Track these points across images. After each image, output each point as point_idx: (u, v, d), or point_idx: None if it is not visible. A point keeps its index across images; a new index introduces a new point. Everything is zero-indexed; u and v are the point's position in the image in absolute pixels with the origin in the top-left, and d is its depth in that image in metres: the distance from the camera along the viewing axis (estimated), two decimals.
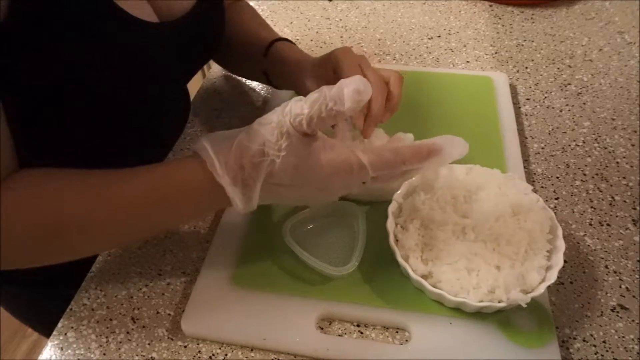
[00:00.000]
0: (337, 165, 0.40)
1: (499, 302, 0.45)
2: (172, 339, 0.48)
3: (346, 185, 0.42)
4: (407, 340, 0.46)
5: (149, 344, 0.47)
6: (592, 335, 0.47)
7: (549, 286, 0.45)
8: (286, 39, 0.63)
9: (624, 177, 0.62)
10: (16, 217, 0.39)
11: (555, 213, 0.54)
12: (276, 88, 0.66)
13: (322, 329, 0.48)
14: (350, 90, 0.37)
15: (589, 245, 0.55)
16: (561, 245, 0.47)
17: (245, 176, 0.40)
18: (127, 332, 0.48)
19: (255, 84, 0.77)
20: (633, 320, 0.48)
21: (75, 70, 0.42)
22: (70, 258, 0.44)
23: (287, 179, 0.41)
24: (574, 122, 0.69)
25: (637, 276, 0.52)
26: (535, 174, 0.62)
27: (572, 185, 0.61)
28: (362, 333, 0.47)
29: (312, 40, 0.86)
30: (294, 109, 0.39)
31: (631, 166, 0.63)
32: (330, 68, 0.54)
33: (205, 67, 0.97)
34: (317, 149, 0.40)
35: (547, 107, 0.72)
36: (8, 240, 0.39)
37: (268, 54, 0.61)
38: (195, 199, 0.43)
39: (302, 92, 0.57)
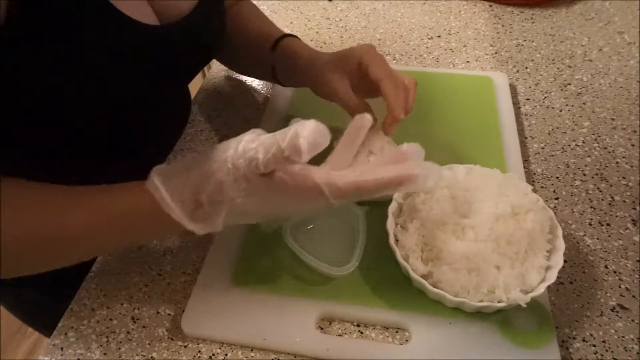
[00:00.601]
0: (299, 197, 0.39)
1: (498, 302, 0.45)
2: (172, 339, 0.48)
3: (312, 209, 0.42)
4: (407, 340, 0.46)
5: (149, 344, 0.47)
6: (591, 335, 0.47)
7: (548, 286, 0.46)
8: (293, 35, 0.62)
9: (623, 177, 0.62)
10: None
11: (555, 213, 0.54)
12: (281, 84, 0.64)
13: (322, 329, 0.48)
14: (307, 143, 0.35)
15: (588, 245, 0.55)
16: (561, 245, 0.47)
17: (205, 212, 0.39)
18: (128, 332, 0.48)
19: (255, 84, 0.77)
20: (633, 320, 0.48)
21: (74, 74, 0.42)
22: (23, 273, 0.43)
23: (250, 210, 0.40)
24: (573, 122, 0.69)
25: (637, 276, 0.52)
26: (535, 174, 0.62)
27: (571, 185, 0.61)
28: (362, 333, 0.47)
29: (312, 40, 0.86)
30: (248, 152, 0.37)
31: (631, 166, 0.63)
32: (354, 63, 0.53)
33: (205, 68, 0.97)
34: (279, 185, 0.38)
35: (547, 107, 0.72)
36: None
37: (276, 48, 0.60)
38: (151, 227, 0.43)
39: (318, 87, 0.56)
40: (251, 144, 0.37)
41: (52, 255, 0.43)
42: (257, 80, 0.78)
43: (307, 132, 0.35)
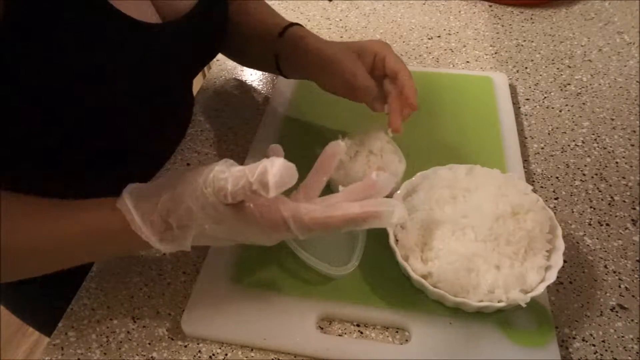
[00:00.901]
0: (266, 228, 0.40)
1: (498, 302, 0.45)
2: (172, 339, 0.48)
3: (279, 239, 0.42)
4: (407, 340, 0.47)
5: (149, 344, 0.47)
6: (591, 334, 0.47)
7: (548, 286, 0.46)
8: (300, 24, 0.61)
9: (623, 177, 0.62)
10: None
11: (554, 213, 0.54)
12: (284, 75, 0.63)
13: (322, 329, 0.48)
14: (275, 181, 0.36)
15: (588, 245, 0.55)
16: (561, 245, 0.48)
17: (173, 235, 0.40)
18: (128, 332, 0.48)
19: (255, 84, 0.77)
20: (632, 320, 0.48)
21: (75, 75, 0.41)
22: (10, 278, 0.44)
23: (219, 235, 0.41)
24: (573, 122, 0.70)
25: (637, 276, 0.52)
26: (535, 174, 0.63)
27: (571, 185, 0.61)
28: (362, 333, 0.47)
29: None
30: (217, 181, 0.38)
31: (630, 166, 0.63)
32: (370, 55, 0.54)
33: (205, 68, 0.97)
34: (246, 215, 0.39)
35: (547, 107, 0.72)
36: None
37: (284, 35, 0.59)
38: (120, 244, 0.43)
39: (330, 74, 0.55)
40: (221, 174, 0.38)
41: (25, 266, 0.43)
42: (257, 80, 0.78)
43: (275, 169, 0.36)
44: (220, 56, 0.81)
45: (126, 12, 0.43)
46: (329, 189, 0.56)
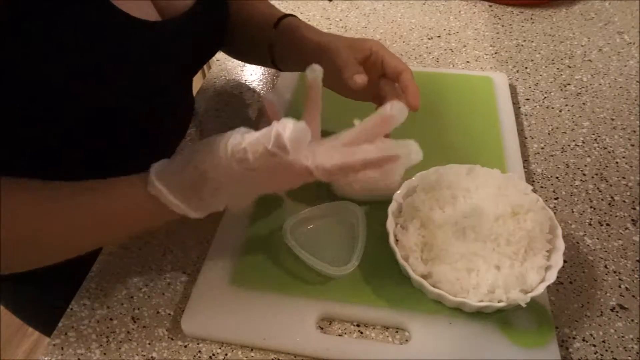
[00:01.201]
0: (291, 180, 0.43)
1: (498, 302, 0.45)
2: (172, 339, 0.48)
3: (302, 184, 0.45)
4: (407, 340, 0.47)
5: (149, 344, 0.47)
6: (591, 335, 0.47)
7: (548, 286, 0.46)
8: (295, 16, 0.61)
9: (623, 177, 0.62)
10: None
11: (554, 213, 0.54)
12: (277, 68, 0.63)
13: (322, 329, 0.48)
14: (291, 142, 0.37)
15: (588, 245, 0.55)
16: (561, 245, 0.48)
17: (208, 203, 0.43)
18: (128, 332, 0.48)
19: (255, 84, 0.77)
20: (632, 320, 0.48)
21: (75, 74, 0.41)
22: (23, 269, 0.44)
23: (246, 191, 0.44)
24: (573, 122, 0.70)
25: (637, 276, 0.52)
26: (535, 174, 0.63)
27: (571, 185, 0.61)
28: (362, 333, 0.47)
29: None
30: (237, 153, 0.39)
31: (631, 166, 0.63)
32: (365, 50, 0.54)
33: (205, 67, 0.97)
34: (271, 172, 0.41)
35: (547, 107, 0.72)
36: None
37: (279, 26, 0.59)
38: (153, 221, 0.46)
39: (322, 60, 0.53)
40: (238, 147, 0.39)
41: (54, 250, 0.44)
42: (257, 80, 0.78)
43: (288, 133, 0.37)
44: (220, 56, 0.81)
45: (126, 11, 0.43)
46: (329, 189, 0.57)
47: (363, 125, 0.43)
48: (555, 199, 0.60)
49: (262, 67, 0.80)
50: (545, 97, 0.74)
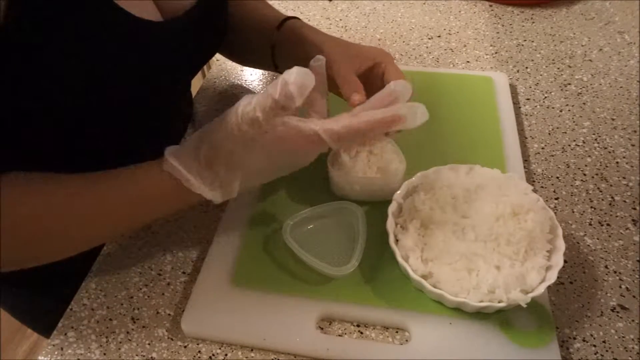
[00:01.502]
0: (303, 145, 0.44)
1: (499, 302, 0.45)
2: (172, 339, 0.48)
3: (315, 154, 0.45)
4: (407, 340, 0.46)
5: (149, 344, 0.47)
6: (592, 335, 0.47)
7: (549, 286, 0.45)
8: (298, 18, 0.61)
9: (624, 177, 0.62)
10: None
11: (555, 213, 0.54)
12: (278, 69, 0.63)
13: (322, 329, 0.48)
14: (295, 87, 0.38)
15: (588, 245, 0.55)
16: (561, 245, 0.47)
17: (222, 180, 0.43)
18: (127, 332, 0.48)
19: (255, 84, 0.77)
20: (633, 320, 0.48)
21: (75, 74, 0.41)
22: (46, 260, 0.45)
23: (261, 167, 0.44)
24: (574, 122, 0.69)
25: (637, 276, 0.52)
26: (535, 174, 0.62)
27: (572, 185, 0.61)
28: (362, 333, 0.47)
29: None
30: (247, 113, 0.41)
31: (631, 166, 0.63)
32: (368, 62, 0.54)
33: (205, 67, 0.97)
34: (282, 137, 0.42)
35: (547, 107, 0.72)
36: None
37: (282, 28, 0.60)
38: (170, 205, 0.47)
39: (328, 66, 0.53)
40: (248, 107, 0.41)
41: (70, 241, 0.45)
42: (257, 80, 0.78)
43: (293, 77, 0.38)
44: (220, 56, 0.81)
45: (128, 10, 0.43)
46: (329, 190, 0.56)
47: (369, 102, 0.45)
48: (556, 199, 0.59)
49: None
50: (545, 97, 0.74)
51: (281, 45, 0.60)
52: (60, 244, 0.45)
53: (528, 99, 0.73)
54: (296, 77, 0.38)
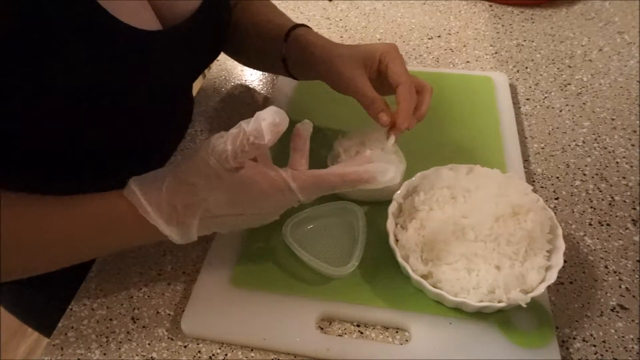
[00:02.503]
0: (268, 192, 0.42)
1: (499, 302, 0.45)
2: (172, 339, 0.48)
3: (281, 207, 0.44)
4: (407, 340, 0.46)
5: (149, 344, 0.47)
6: (592, 335, 0.47)
7: (548, 286, 0.45)
8: (305, 25, 0.61)
9: (623, 177, 0.62)
10: None
11: (555, 213, 0.54)
12: (293, 77, 0.63)
13: (322, 329, 0.48)
14: (267, 124, 0.38)
15: (588, 245, 0.55)
16: (561, 245, 0.47)
17: (180, 216, 0.41)
18: (127, 332, 0.48)
19: (255, 84, 0.77)
20: (633, 320, 0.48)
21: (71, 85, 0.41)
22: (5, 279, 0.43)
23: (222, 211, 0.42)
24: (573, 122, 0.69)
25: (637, 276, 0.52)
26: (535, 174, 0.62)
27: (572, 185, 0.61)
28: (362, 333, 0.47)
29: None
30: (217, 146, 0.39)
31: (631, 166, 0.63)
32: (374, 61, 0.54)
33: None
34: (248, 179, 0.41)
35: (547, 107, 0.72)
36: None
37: (289, 39, 0.59)
38: (127, 233, 0.44)
39: (336, 81, 0.54)
40: (220, 139, 0.40)
41: (33, 261, 0.44)
42: (257, 80, 0.78)
43: (267, 115, 0.38)
44: (220, 56, 0.81)
45: (126, 20, 0.42)
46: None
47: (343, 162, 0.45)
48: (556, 199, 0.59)
49: None
50: (545, 97, 0.74)
51: (290, 57, 0.60)
52: (25, 261, 0.43)
53: (528, 99, 0.73)
54: (271, 116, 0.38)
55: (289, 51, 0.59)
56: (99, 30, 0.41)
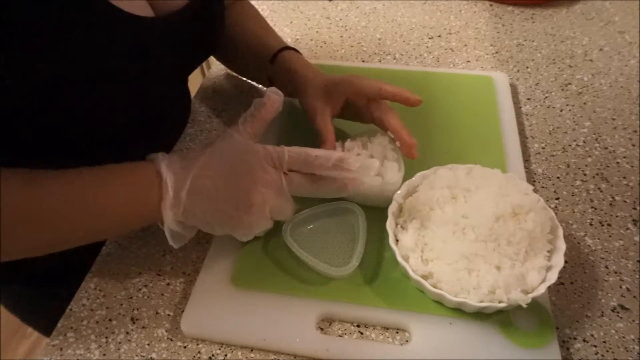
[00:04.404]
0: (253, 145, 0.47)
1: (499, 302, 0.45)
2: (171, 340, 0.48)
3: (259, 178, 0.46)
4: (407, 341, 0.46)
5: (148, 345, 0.47)
6: (592, 335, 0.47)
7: (549, 286, 0.45)
8: (292, 48, 0.63)
9: (624, 177, 0.62)
10: None
11: (555, 213, 0.54)
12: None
13: (322, 329, 0.47)
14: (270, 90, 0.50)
15: (589, 246, 0.54)
16: (561, 245, 0.47)
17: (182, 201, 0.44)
18: (127, 333, 0.48)
19: (255, 84, 0.77)
20: (633, 321, 0.48)
21: (68, 74, 0.41)
22: (20, 255, 0.43)
23: (215, 165, 0.45)
24: (574, 122, 0.69)
25: (638, 276, 0.52)
26: (535, 174, 0.62)
27: (572, 185, 0.61)
28: (362, 333, 0.47)
29: (312, 40, 0.86)
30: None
31: (631, 166, 0.63)
32: (342, 98, 0.57)
33: (205, 66, 0.97)
34: (240, 144, 0.47)
35: (548, 107, 0.72)
36: None
37: (275, 61, 0.62)
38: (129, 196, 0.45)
39: (305, 109, 0.58)
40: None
41: (55, 235, 0.44)
42: None
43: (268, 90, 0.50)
44: None
45: (122, 7, 0.43)
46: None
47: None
48: (556, 199, 0.59)
49: None
50: (546, 97, 0.74)
51: (276, 78, 0.63)
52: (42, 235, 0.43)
53: (528, 99, 0.73)
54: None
55: (275, 73, 0.62)
56: (92, 14, 0.41)
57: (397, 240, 0.49)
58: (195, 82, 0.67)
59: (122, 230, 0.52)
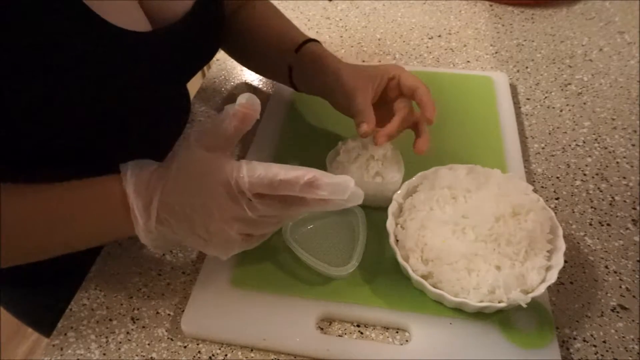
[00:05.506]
0: (214, 167, 0.42)
1: (499, 302, 0.45)
2: (171, 339, 0.48)
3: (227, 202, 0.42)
4: (407, 341, 0.46)
5: (148, 344, 0.47)
6: (592, 335, 0.47)
7: (549, 286, 0.45)
8: (317, 40, 0.61)
9: (624, 177, 0.62)
10: None
11: (555, 213, 0.54)
12: (295, 88, 0.63)
13: (322, 329, 0.47)
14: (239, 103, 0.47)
15: (589, 245, 0.54)
16: (561, 245, 0.47)
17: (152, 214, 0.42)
18: (127, 333, 0.48)
19: (255, 84, 0.77)
20: (633, 320, 0.48)
21: (62, 87, 0.41)
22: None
23: (178, 191, 0.42)
24: (574, 122, 0.69)
25: (637, 276, 0.52)
26: (535, 173, 0.62)
27: (572, 185, 0.61)
28: (362, 333, 0.47)
29: None
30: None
31: (631, 166, 0.63)
32: (384, 79, 0.56)
33: (205, 67, 0.97)
34: (200, 156, 0.43)
35: (548, 107, 0.72)
36: None
37: (300, 51, 0.59)
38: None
39: (337, 90, 0.55)
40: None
41: (34, 245, 0.44)
42: (257, 80, 0.78)
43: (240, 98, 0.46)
44: (220, 56, 0.81)
45: (114, 21, 0.42)
46: None
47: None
48: (556, 199, 0.59)
49: None
50: (545, 97, 0.74)
51: (299, 68, 0.60)
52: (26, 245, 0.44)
53: (528, 99, 0.73)
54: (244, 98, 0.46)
55: (298, 61, 0.60)
56: (86, 32, 0.41)
57: (397, 240, 0.49)
58: (195, 82, 0.67)
59: (95, 244, 0.51)
